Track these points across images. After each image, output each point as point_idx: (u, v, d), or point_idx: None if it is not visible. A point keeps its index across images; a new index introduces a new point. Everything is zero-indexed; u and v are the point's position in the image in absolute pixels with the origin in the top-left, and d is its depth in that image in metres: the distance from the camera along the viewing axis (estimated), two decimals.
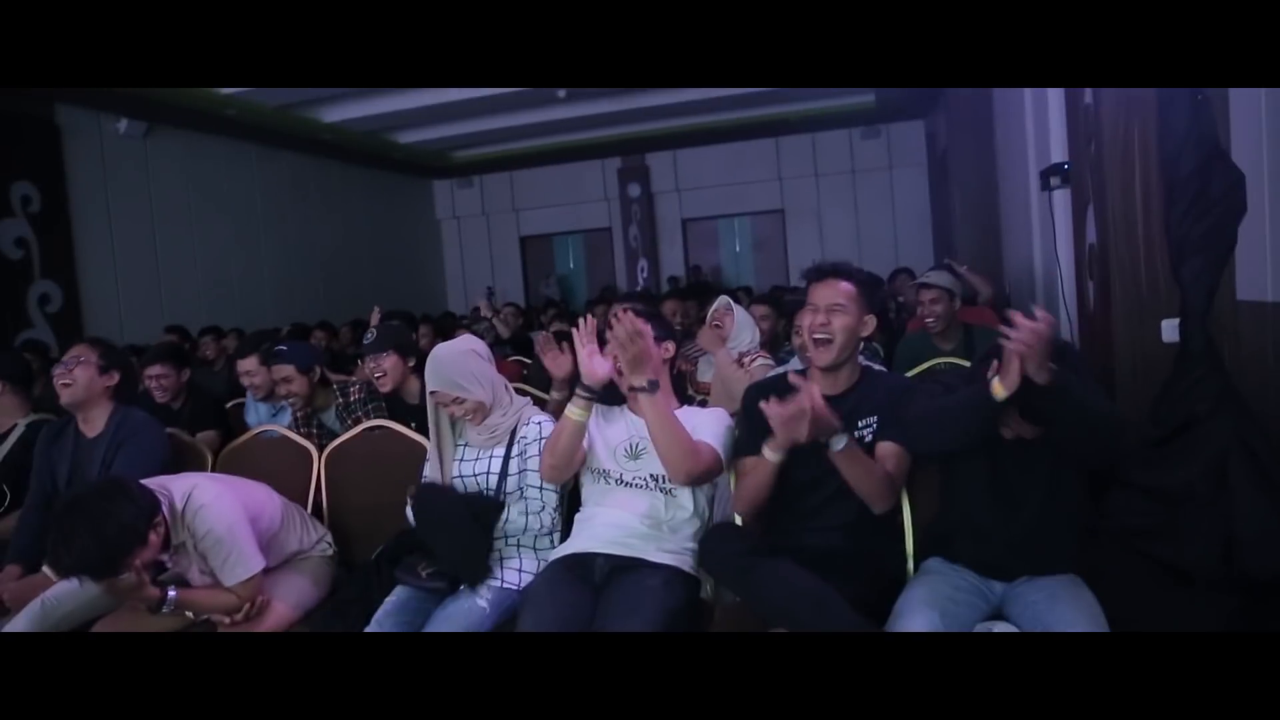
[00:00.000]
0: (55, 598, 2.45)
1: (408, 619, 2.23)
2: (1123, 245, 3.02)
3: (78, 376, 2.68)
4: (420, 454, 2.64)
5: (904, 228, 11.90)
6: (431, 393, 2.36)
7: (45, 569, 2.51)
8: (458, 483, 2.40)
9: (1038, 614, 1.89)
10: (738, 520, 2.24)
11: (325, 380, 3.40)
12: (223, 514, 2.25)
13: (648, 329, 2.08)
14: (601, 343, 2.18)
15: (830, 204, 12.52)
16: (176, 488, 2.26)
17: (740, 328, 3.40)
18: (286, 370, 3.27)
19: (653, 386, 2.07)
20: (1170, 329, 2.80)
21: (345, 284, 11.58)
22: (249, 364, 3.54)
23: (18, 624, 2.39)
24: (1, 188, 7.83)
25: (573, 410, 2.15)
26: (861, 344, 2.18)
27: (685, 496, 2.26)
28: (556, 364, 3.01)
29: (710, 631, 2.13)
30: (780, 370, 2.64)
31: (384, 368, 3.08)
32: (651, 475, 2.25)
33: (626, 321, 2.03)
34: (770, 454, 2.03)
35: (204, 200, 9.86)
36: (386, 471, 2.69)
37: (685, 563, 2.22)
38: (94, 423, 2.71)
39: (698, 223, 13.48)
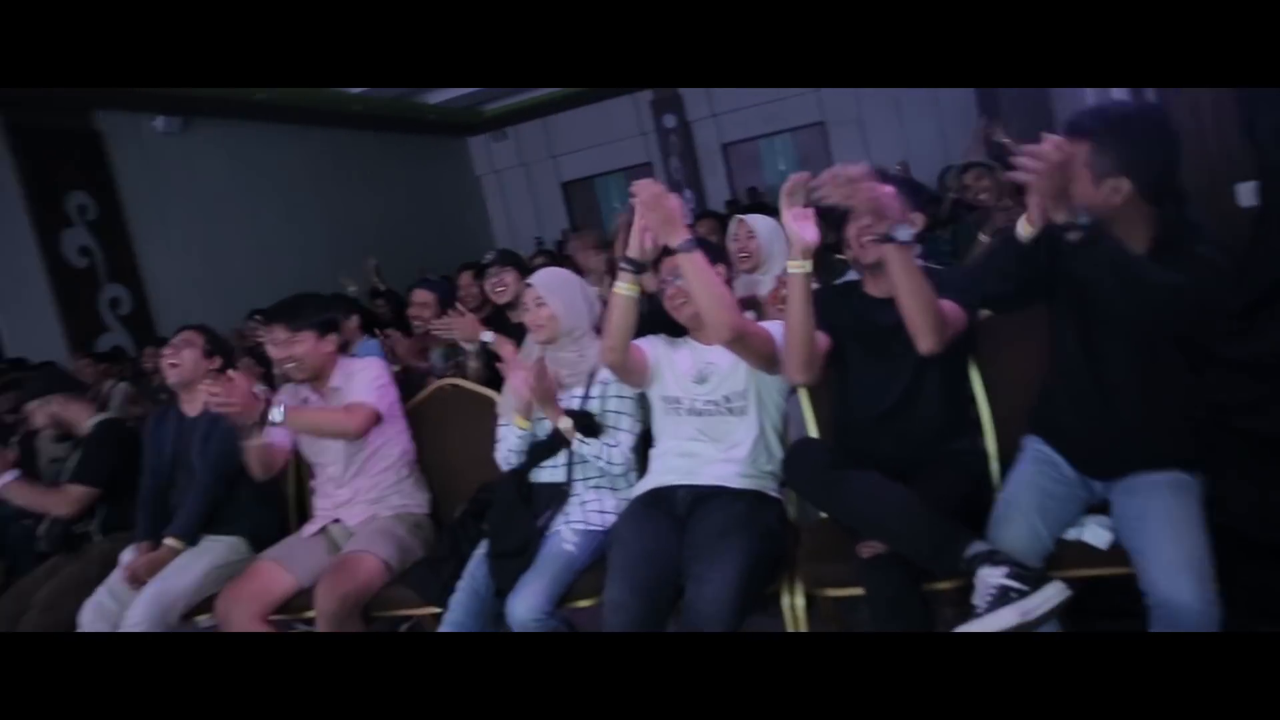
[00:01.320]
0: (164, 585, 2.58)
1: None
2: (1186, 114, 2.88)
3: (184, 358, 2.81)
4: (493, 410, 2.67)
5: (952, 130, 11.46)
6: (527, 285, 2.46)
7: (166, 542, 2.67)
8: (536, 425, 2.43)
9: (1131, 528, 1.77)
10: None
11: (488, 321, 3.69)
12: (377, 373, 2.66)
13: (671, 195, 2.04)
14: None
15: (872, 112, 12.14)
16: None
17: (769, 246, 3.12)
18: (428, 298, 3.70)
19: (689, 245, 2.02)
20: (1248, 192, 2.67)
21: (395, 251, 11.67)
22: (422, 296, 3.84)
23: (135, 612, 2.51)
24: (58, 200, 8.05)
25: (620, 286, 2.13)
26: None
27: (754, 416, 2.24)
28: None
29: (793, 557, 2.13)
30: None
31: (506, 281, 3.48)
32: (725, 397, 2.25)
33: (645, 186, 2.01)
34: (796, 266, 1.96)
35: (249, 186, 10.01)
36: (462, 429, 2.74)
37: (767, 486, 2.23)
38: (195, 403, 2.81)
39: (738, 146, 13.21)
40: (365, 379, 2.63)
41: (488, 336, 3.12)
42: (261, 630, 2.40)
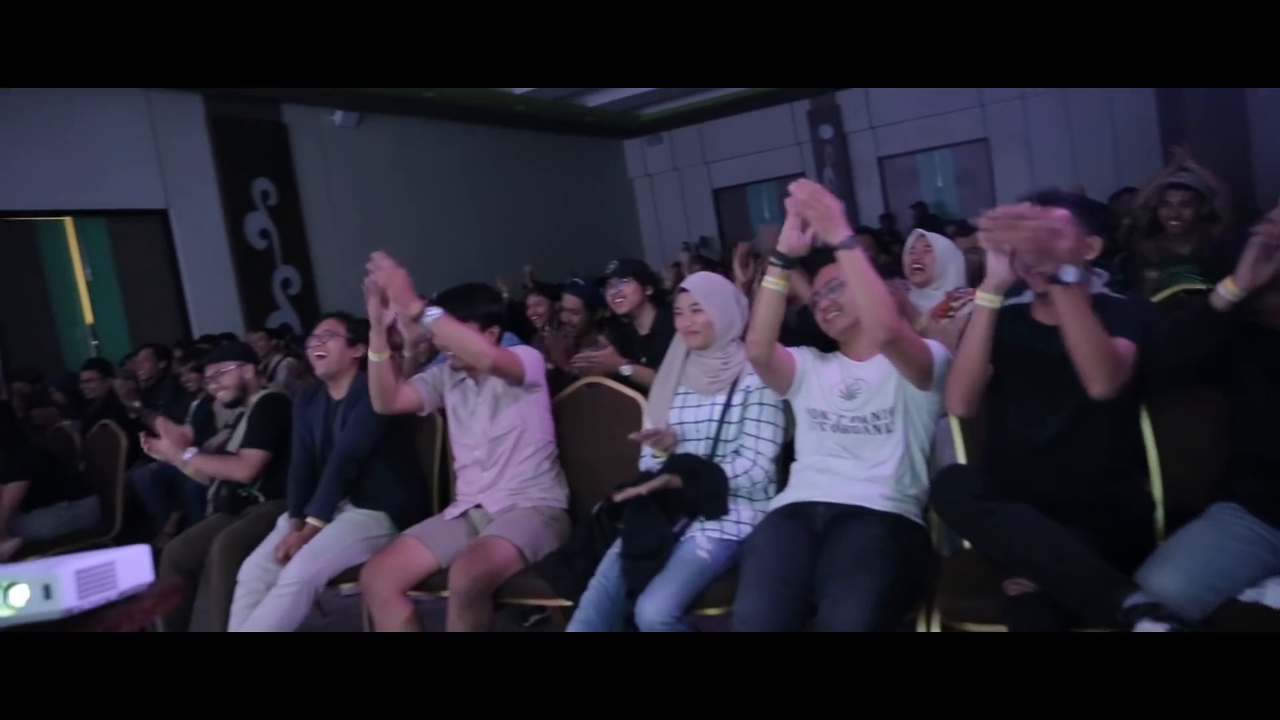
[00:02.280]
0: (314, 549, 2.73)
1: None
2: None
3: (331, 349, 2.95)
4: (634, 409, 2.70)
5: (1127, 148, 10.78)
6: (682, 290, 2.46)
7: (308, 520, 2.83)
8: (676, 430, 2.44)
9: None
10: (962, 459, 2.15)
11: (600, 322, 3.85)
12: (536, 354, 2.73)
13: (829, 194, 2.01)
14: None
15: (1040, 128, 11.59)
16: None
17: (944, 263, 3.21)
18: (575, 303, 3.85)
19: (851, 241, 1.99)
20: None
21: (545, 249, 11.98)
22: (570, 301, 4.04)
23: (291, 570, 2.67)
24: (245, 185, 8.68)
25: (769, 281, 2.12)
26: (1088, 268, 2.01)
27: (901, 435, 2.18)
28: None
29: (933, 587, 2.05)
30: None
31: (624, 292, 3.45)
32: (872, 414, 2.19)
33: (804, 184, 1.99)
34: (985, 299, 1.91)
35: (413, 180, 10.49)
36: (604, 427, 2.78)
37: (909, 510, 2.16)
38: (341, 387, 2.97)
39: (895, 160, 12.89)
40: (519, 349, 2.72)
41: (627, 370, 3.19)
42: (400, 603, 2.51)
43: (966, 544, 2.14)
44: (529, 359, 2.67)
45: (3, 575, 1.56)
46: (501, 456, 2.71)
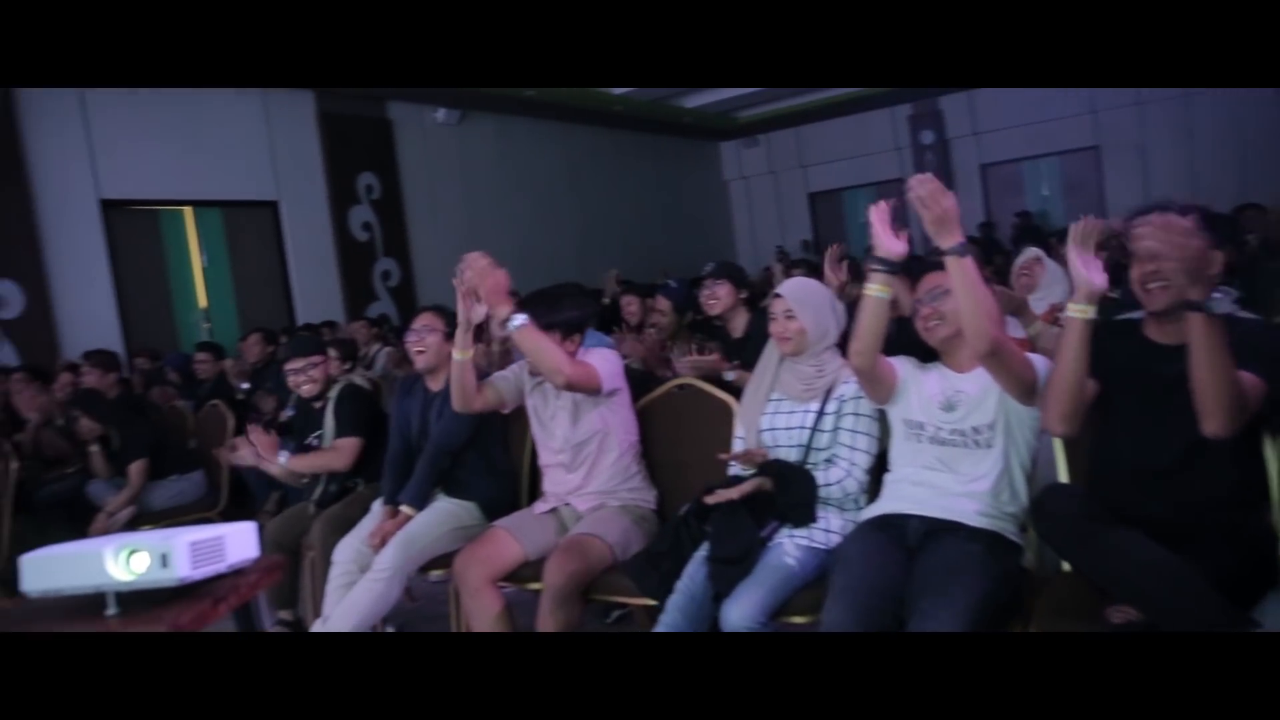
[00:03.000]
0: (409, 536, 2.80)
1: None
2: None
3: (429, 343, 3.00)
4: (725, 412, 2.69)
5: (1254, 159, 10.17)
6: (776, 296, 2.44)
7: (403, 508, 2.90)
8: (767, 436, 2.42)
9: None
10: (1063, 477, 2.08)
11: (692, 325, 3.87)
12: (614, 355, 2.74)
13: (948, 194, 1.94)
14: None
15: (1157, 135, 11.10)
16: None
17: (1052, 277, 3.18)
18: (665, 305, 3.90)
19: (962, 248, 1.93)
20: None
21: (638, 248, 12.05)
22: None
23: (385, 556, 2.74)
24: (350, 180, 8.99)
25: (872, 287, 2.07)
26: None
27: (1001, 451, 2.11)
28: None
29: (1030, 608, 1.98)
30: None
31: (718, 294, 3.45)
32: (972, 428, 2.13)
33: (923, 182, 1.92)
34: (1077, 310, 1.84)
35: (510, 178, 10.67)
36: (694, 429, 2.77)
37: (1006, 528, 2.10)
38: (439, 380, 3.03)
39: (998, 168, 12.55)
40: (597, 355, 2.69)
41: (730, 375, 3.17)
42: (492, 593, 2.56)
43: (1066, 566, 2.06)
44: (605, 369, 2.63)
45: (125, 543, 1.65)
46: (586, 460, 2.72)
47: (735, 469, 2.47)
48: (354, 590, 2.77)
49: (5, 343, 6.62)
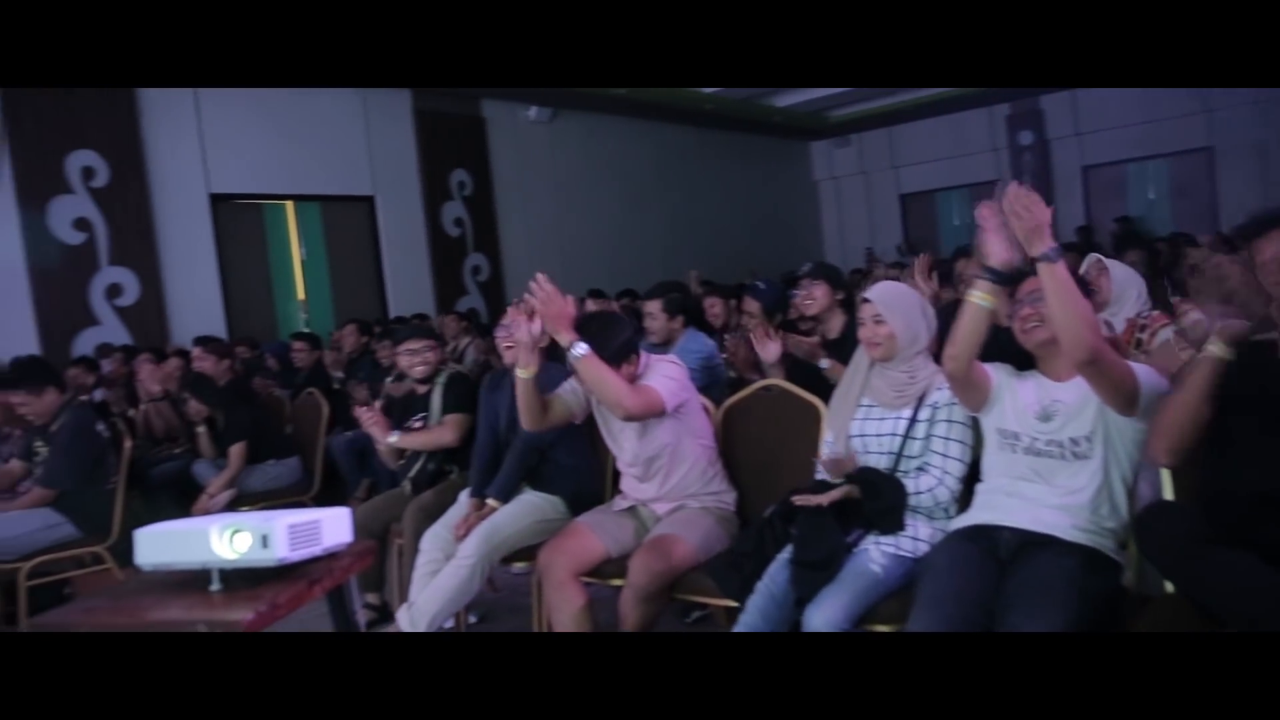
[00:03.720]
0: (494, 526, 2.85)
1: None
2: None
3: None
4: (812, 415, 2.66)
5: None
6: (865, 300, 2.40)
7: (488, 501, 2.95)
8: (857, 442, 2.39)
9: None
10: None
11: (777, 327, 3.75)
12: (676, 370, 2.67)
13: (1041, 203, 1.89)
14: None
15: (1278, 135, 10.50)
16: (649, 356, 2.77)
17: (1122, 287, 3.03)
18: (753, 306, 3.85)
19: (1054, 254, 1.87)
20: None
21: (725, 248, 12.01)
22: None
23: (468, 544, 2.80)
24: (444, 176, 9.20)
25: (976, 295, 2.02)
26: None
27: (1100, 463, 2.04)
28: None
29: (1130, 630, 1.90)
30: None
31: (815, 295, 3.39)
32: (1070, 439, 2.06)
33: (1016, 191, 1.88)
34: (1219, 350, 1.76)
35: (600, 175, 10.76)
36: (781, 431, 2.75)
37: (1104, 545, 2.02)
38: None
39: (1101, 170, 12.08)
40: (660, 372, 2.65)
41: (825, 364, 3.13)
42: (575, 587, 2.59)
43: (1170, 587, 1.97)
44: (668, 388, 2.58)
45: (229, 523, 1.72)
46: (659, 472, 2.71)
47: (822, 474, 2.44)
48: (439, 577, 2.83)
49: (120, 327, 6.98)
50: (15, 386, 3.67)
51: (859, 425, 2.41)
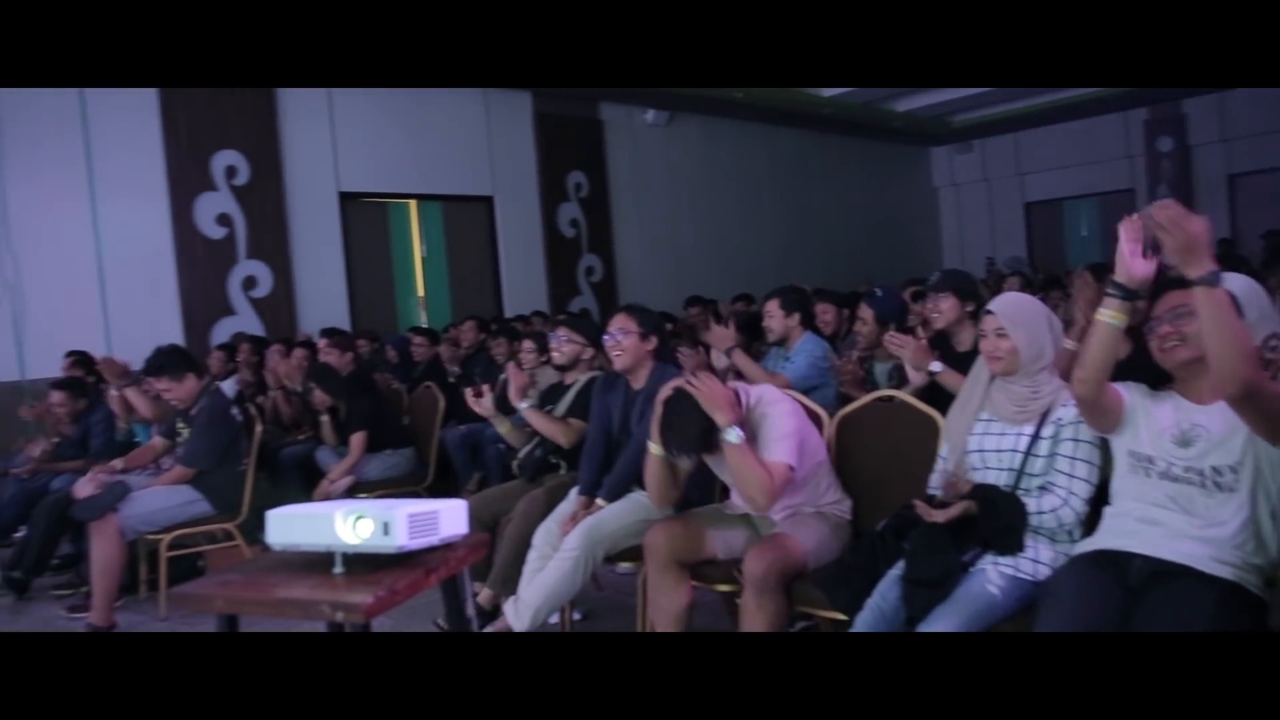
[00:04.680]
0: (598, 520, 2.88)
1: None
2: None
3: (626, 346, 3.06)
4: (929, 427, 2.60)
5: None
6: (987, 312, 2.32)
7: (596, 500, 2.98)
8: (975, 457, 2.31)
9: None
10: None
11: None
12: (785, 410, 2.62)
13: (1197, 219, 1.74)
14: None
15: None
16: (751, 390, 2.70)
17: (1244, 305, 2.78)
18: (867, 314, 3.73)
19: (1214, 277, 1.72)
20: None
21: (840, 254, 11.83)
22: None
23: (572, 538, 2.84)
24: (561, 178, 9.36)
25: (1104, 312, 1.91)
26: None
27: (1247, 496, 1.91)
28: None
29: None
30: None
31: (942, 307, 3.24)
32: (1212, 468, 1.93)
33: (1167, 206, 1.74)
34: None
35: (715, 179, 10.75)
36: (897, 443, 2.70)
37: (1248, 580, 1.89)
38: (639, 378, 3.09)
39: (1251, 178, 11.35)
40: (780, 426, 2.56)
41: (936, 367, 3.03)
42: (678, 574, 2.62)
43: None
44: (789, 449, 2.52)
45: (354, 509, 1.79)
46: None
47: (935, 489, 2.37)
48: (543, 571, 2.88)
49: (254, 317, 7.37)
50: (160, 373, 3.92)
51: (977, 440, 2.34)
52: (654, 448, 2.63)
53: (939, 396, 2.89)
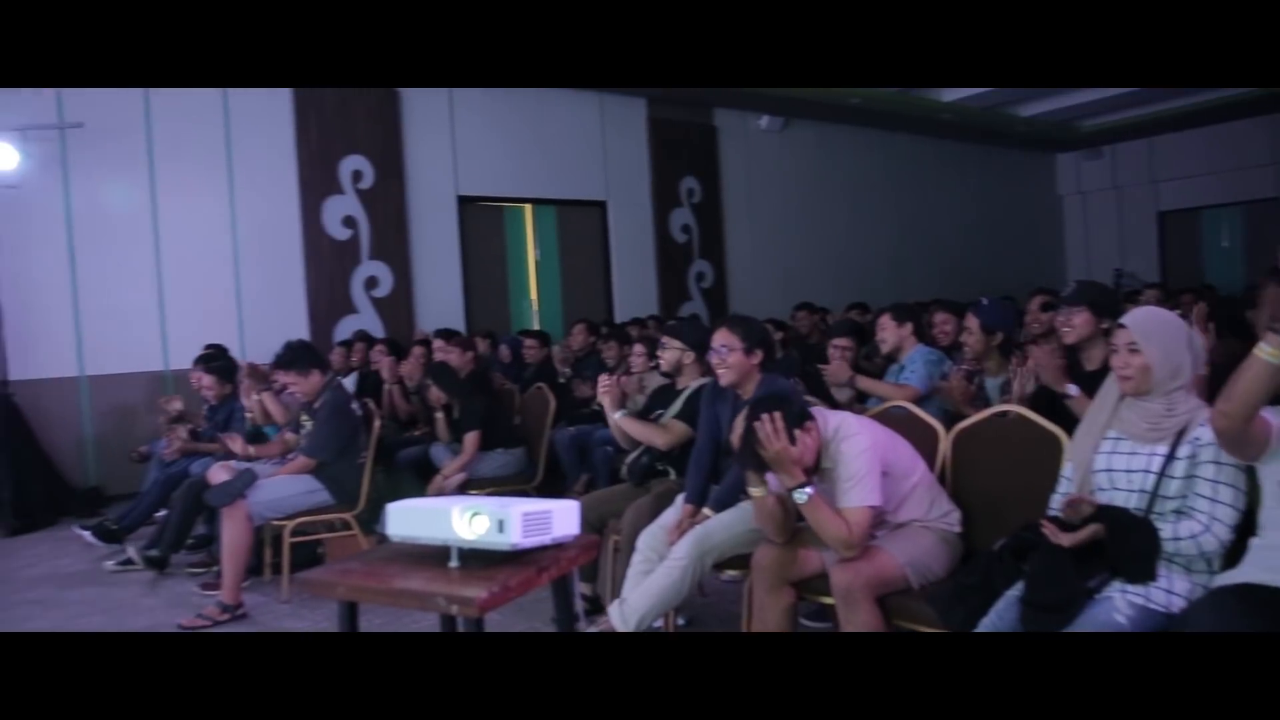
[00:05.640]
0: (707, 530, 2.87)
1: None
2: None
3: (731, 362, 3.03)
4: (1051, 445, 2.49)
5: None
6: (1119, 326, 2.21)
7: (704, 510, 2.98)
8: (1102, 477, 2.20)
9: None
10: None
11: (1007, 348, 3.51)
12: (860, 441, 2.50)
13: None
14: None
15: None
16: (831, 417, 2.60)
17: None
18: (973, 324, 3.54)
19: None
20: None
21: (956, 263, 11.50)
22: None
23: (681, 546, 2.84)
24: (674, 183, 9.41)
25: (1265, 349, 1.77)
26: None
27: None
28: None
29: None
30: None
31: (1074, 322, 3.00)
32: None
33: None
34: None
35: (827, 184, 10.62)
36: (1017, 460, 2.60)
37: None
38: (748, 390, 3.07)
39: None
40: (852, 466, 2.48)
41: (1073, 390, 2.81)
42: (784, 590, 2.60)
43: None
44: (869, 490, 2.45)
45: (470, 506, 1.84)
46: (878, 525, 2.62)
47: (1056, 509, 2.27)
48: (651, 576, 2.89)
49: (375, 316, 7.66)
50: (289, 367, 4.11)
51: (1105, 459, 2.22)
52: (756, 491, 2.57)
53: (1058, 411, 2.77)
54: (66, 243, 6.43)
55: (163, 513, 4.69)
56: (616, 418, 3.47)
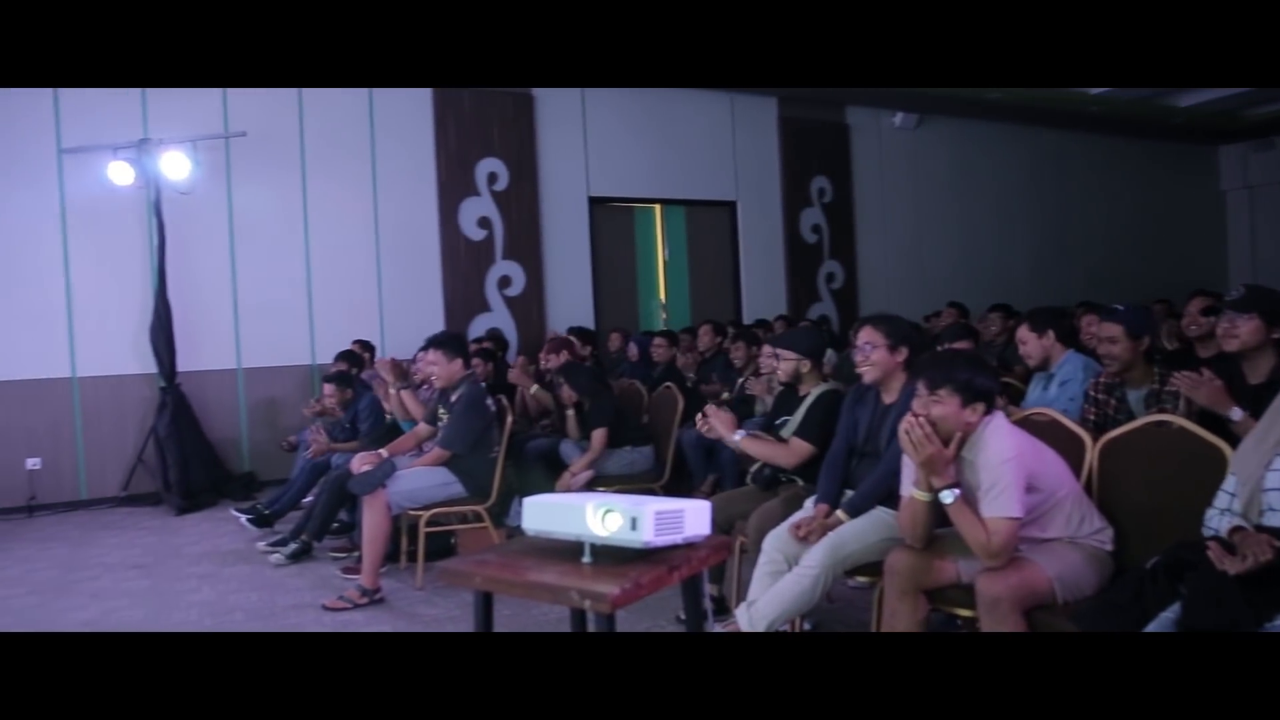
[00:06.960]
0: (841, 538, 2.83)
1: None
2: None
3: (875, 359, 2.98)
4: (1216, 459, 2.33)
5: None
6: None
7: (837, 513, 2.93)
8: (1273, 496, 2.04)
9: None
10: None
11: (1150, 355, 3.29)
12: (1004, 449, 2.40)
13: None
14: None
15: None
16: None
17: None
18: (1114, 331, 3.23)
19: None
20: None
21: (1102, 266, 10.90)
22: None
23: (814, 554, 2.80)
24: (804, 183, 9.30)
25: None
26: None
27: None
28: None
29: None
30: None
31: (1238, 330, 2.79)
32: None
33: None
34: None
35: (964, 183, 10.26)
36: (1172, 472, 2.46)
37: None
38: (892, 392, 3.00)
39: None
40: (994, 475, 2.38)
41: (1237, 414, 2.62)
42: (918, 600, 2.53)
43: None
44: (1011, 501, 2.35)
45: (603, 502, 1.87)
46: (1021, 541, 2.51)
47: (1212, 529, 2.13)
48: (782, 580, 2.85)
49: (507, 314, 7.88)
50: (440, 347, 4.30)
51: (1276, 476, 2.06)
52: (918, 493, 2.50)
53: (1212, 420, 2.59)
54: (228, 244, 6.88)
55: (309, 499, 4.99)
56: (737, 440, 3.43)
